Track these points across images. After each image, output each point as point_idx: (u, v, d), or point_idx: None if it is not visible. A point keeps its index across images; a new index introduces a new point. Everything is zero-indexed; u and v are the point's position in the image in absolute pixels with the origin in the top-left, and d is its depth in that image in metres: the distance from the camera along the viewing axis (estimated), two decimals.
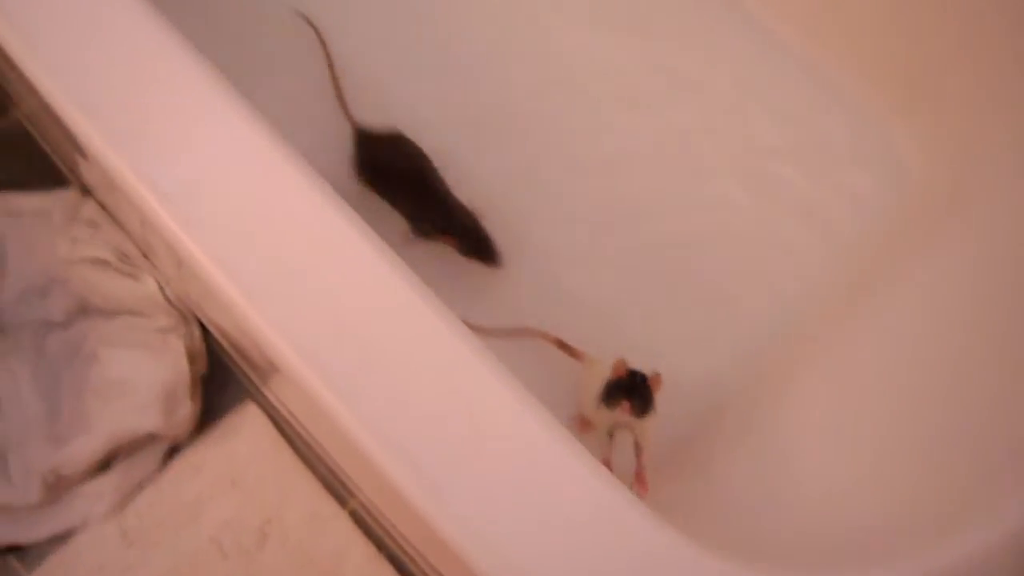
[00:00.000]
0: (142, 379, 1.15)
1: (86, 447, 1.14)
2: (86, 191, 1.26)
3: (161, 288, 1.20)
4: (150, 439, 1.17)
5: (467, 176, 1.26)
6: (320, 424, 1.00)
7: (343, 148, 1.24)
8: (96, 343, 1.18)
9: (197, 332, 1.21)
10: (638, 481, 1.03)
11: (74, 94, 0.86)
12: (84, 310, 1.21)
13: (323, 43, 1.31)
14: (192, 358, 1.18)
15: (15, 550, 1.15)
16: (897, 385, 1.09)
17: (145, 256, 1.21)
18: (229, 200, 0.84)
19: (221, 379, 1.22)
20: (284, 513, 1.16)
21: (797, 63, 1.40)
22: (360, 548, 1.15)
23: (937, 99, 1.30)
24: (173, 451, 1.19)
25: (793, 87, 1.39)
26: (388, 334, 0.80)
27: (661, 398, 1.05)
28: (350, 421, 0.77)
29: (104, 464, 1.17)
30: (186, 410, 1.16)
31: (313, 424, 1.08)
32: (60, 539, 1.15)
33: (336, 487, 1.17)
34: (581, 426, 1.13)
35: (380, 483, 0.81)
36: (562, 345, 1.16)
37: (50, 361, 1.20)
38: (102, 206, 1.24)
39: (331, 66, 1.30)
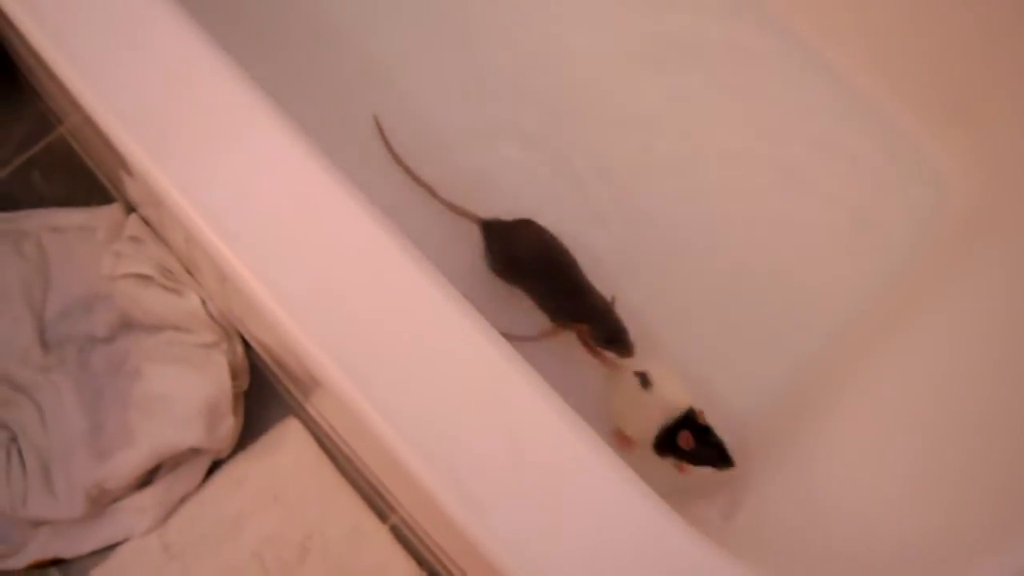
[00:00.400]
0: (185, 394, 1.15)
1: (129, 461, 1.15)
2: (130, 207, 1.27)
3: (204, 304, 1.21)
4: (192, 453, 1.18)
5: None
6: (361, 439, 1.00)
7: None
8: (139, 358, 1.19)
9: (240, 347, 1.22)
10: None
11: (119, 110, 0.86)
12: (128, 325, 1.22)
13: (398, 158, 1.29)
14: (234, 373, 1.19)
15: (58, 563, 1.16)
16: (935, 407, 1.07)
17: (189, 272, 1.22)
18: (272, 216, 0.84)
19: (263, 394, 1.23)
20: (325, 528, 1.16)
21: (834, 80, 1.39)
22: (401, 564, 1.15)
23: (976, 117, 1.29)
24: (215, 465, 1.20)
25: (829, 105, 1.38)
26: (430, 349, 0.80)
27: None
28: (392, 436, 0.77)
29: (147, 478, 1.18)
30: (228, 425, 1.17)
31: (354, 439, 1.08)
32: (103, 553, 1.16)
33: (377, 502, 1.17)
34: (620, 443, 1.12)
35: (421, 498, 0.81)
36: (589, 347, 1.17)
37: (94, 376, 1.21)
38: (146, 222, 1.25)
39: (417, 177, 1.28)
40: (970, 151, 1.30)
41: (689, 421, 1.06)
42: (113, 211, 1.27)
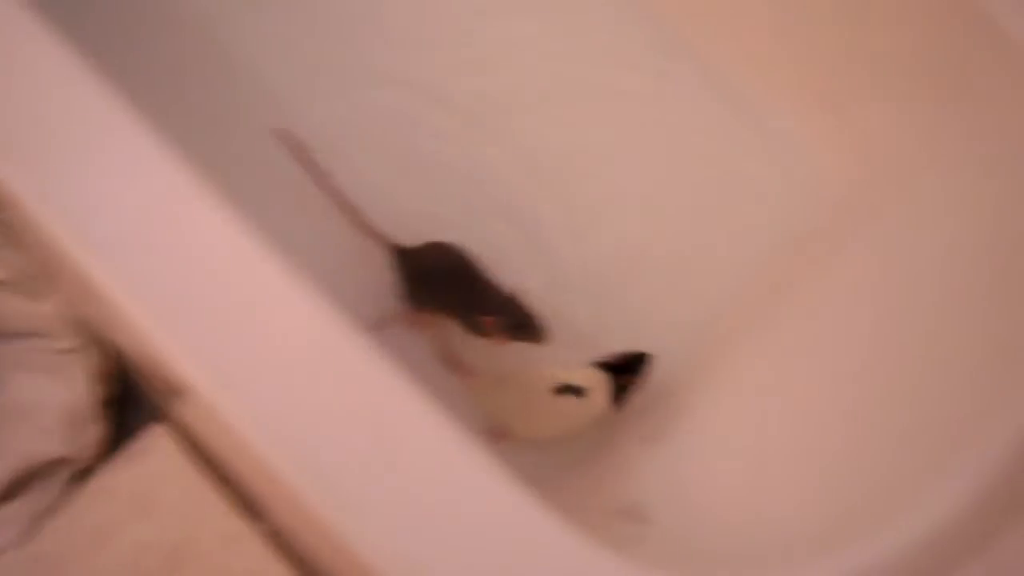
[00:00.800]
0: (46, 402, 1.12)
1: None
2: None
3: (65, 309, 1.17)
4: (58, 463, 1.15)
5: None
6: (230, 443, 0.99)
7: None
8: None
9: (103, 353, 1.19)
10: None
11: None
12: None
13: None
14: (98, 380, 1.16)
15: None
16: (817, 382, 1.11)
17: (48, 276, 1.19)
18: (131, 217, 0.83)
19: (129, 401, 1.20)
20: (198, 535, 1.14)
21: (699, 67, 1.42)
22: (275, 569, 1.13)
23: (844, 102, 1.32)
24: (83, 475, 1.17)
25: (699, 94, 1.41)
26: (294, 350, 0.80)
27: None
28: (257, 440, 0.77)
29: (12, 491, 1.14)
30: (93, 433, 1.14)
31: (223, 444, 1.06)
32: None
33: (249, 507, 1.16)
34: (497, 436, 1.13)
35: (292, 502, 0.81)
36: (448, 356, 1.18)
37: None
38: (5, 225, 1.21)
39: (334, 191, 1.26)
40: (841, 135, 1.33)
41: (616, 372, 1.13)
42: None
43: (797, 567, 0.85)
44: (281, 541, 1.15)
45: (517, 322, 1.13)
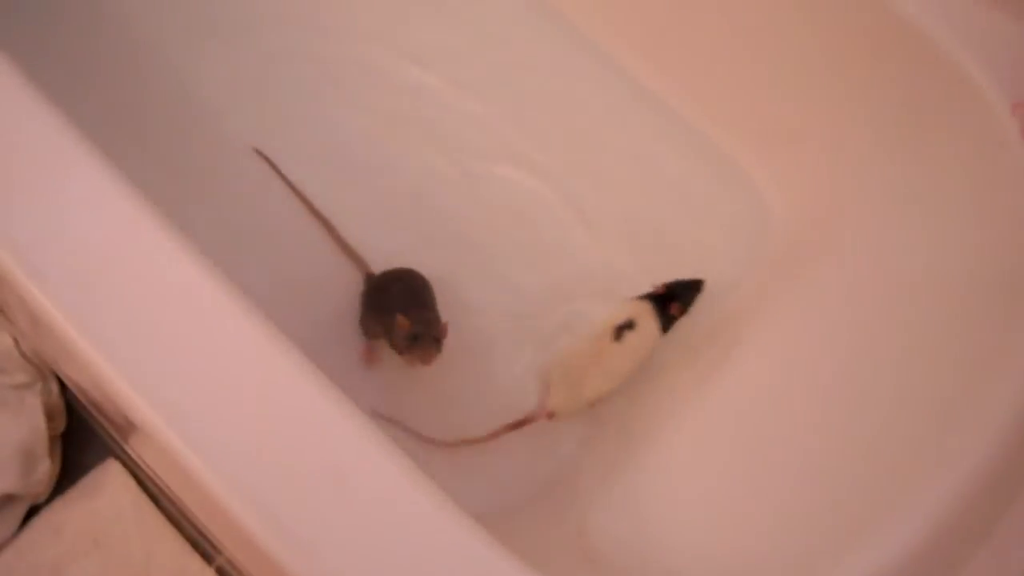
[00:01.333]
0: None
1: None
2: None
3: (16, 343, 1.16)
4: (7, 500, 1.13)
5: None
6: (181, 480, 0.98)
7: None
8: None
9: (55, 388, 1.18)
10: None
11: None
12: None
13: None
14: (50, 415, 1.15)
15: None
16: (760, 427, 1.11)
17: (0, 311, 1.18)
18: (84, 255, 0.82)
19: (81, 436, 1.19)
20: (150, 572, 1.13)
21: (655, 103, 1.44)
22: None
23: (790, 140, 1.34)
24: (32, 511, 1.15)
25: (651, 127, 1.43)
26: (246, 386, 0.79)
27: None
28: (208, 477, 0.76)
29: None
30: (44, 469, 1.13)
31: (175, 480, 1.05)
32: None
33: (202, 544, 1.15)
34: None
35: (244, 539, 0.80)
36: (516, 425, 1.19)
37: None
38: None
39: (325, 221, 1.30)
40: (788, 171, 1.35)
41: (663, 298, 1.21)
42: None
43: None
44: None
45: (417, 332, 1.14)
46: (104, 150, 0.87)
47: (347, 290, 1.24)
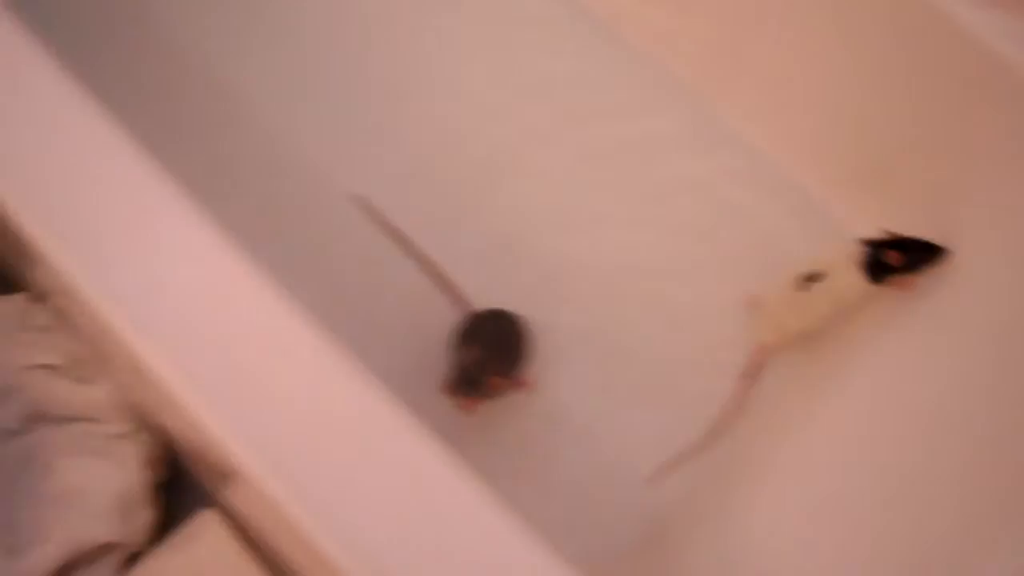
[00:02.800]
0: (97, 487, 1.12)
1: (42, 558, 1.10)
2: (39, 296, 1.24)
3: (116, 393, 1.18)
4: (107, 548, 1.14)
5: None
6: (283, 531, 0.98)
7: None
8: (51, 451, 1.15)
9: (154, 437, 1.19)
10: None
11: (22, 197, 0.85)
12: (39, 417, 1.18)
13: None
14: (149, 464, 1.16)
15: None
16: (857, 476, 1.08)
17: (101, 361, 1.19)
18: (185, 304, 0.83)
19: (181, 485, 1.20)
20: None
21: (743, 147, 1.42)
22: None
23: (885, 182, 1.32)
24: (132, 559, 1.16)
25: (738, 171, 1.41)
26: (354, 441, 0.79)
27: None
28: (314, 530, 0.76)
29: (62, 575, 1.13)
30: (143, 517, 1.13)
31: (276, 531, 1.05)
32: None
33: None
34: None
35: None
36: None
37: (6, 470, 1.16)
38: (56, 310, 1.22)
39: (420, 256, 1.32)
40: (881, 216, 1.32)
41: (881, 243, 1.19)
42: (19, 300, 1.24)
43: None
44: None
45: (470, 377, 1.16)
46: (201, 197, 0.88)
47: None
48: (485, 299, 1.26)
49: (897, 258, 1.17)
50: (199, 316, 0.82)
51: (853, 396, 1.18)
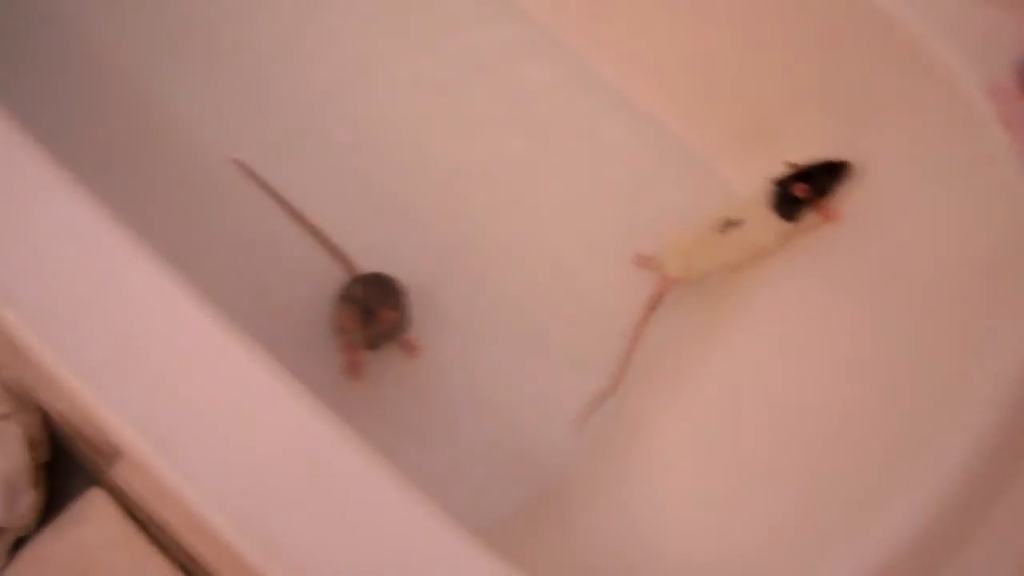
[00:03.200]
0: None
1: None
2: None
3: None
4: None
5: None
6: (170, 505, 0.97)
7: None
8: None
9: (37, 418, 1.16)
10: None
11: None
12: None
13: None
14: (32, 445, 1.13)
15: None
16: (752, 420, 1.11)
17: None
18: (58, 277, 0.81)
19: (66, 465, 1.17)
20: None
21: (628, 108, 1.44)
22: None
23: (768, 136, 1.34)
24: (19, 543, 1.13)
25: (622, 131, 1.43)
26: (233, 408, 0.78)
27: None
28: (199, 502, 0.75)
29: None
30: (29, 500, 1.11)
31: (163, 506, 1.04)
32: None
33: (193, 570, 1.13)
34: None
35: (236, 562, 0.79)
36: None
37: None
38: None
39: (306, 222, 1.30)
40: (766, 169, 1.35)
41: (787, 179, 1.19)
42: None
43: None
44: None
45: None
46: (74, 169, 0.86)
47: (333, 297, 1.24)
48: (372, 263, 1.25)
49: (804, 189, 1.18)
50: (75, 290, 0.80)
51: (746, 343, 1.21)
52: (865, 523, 0.85)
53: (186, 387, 0.78)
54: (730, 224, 1.21)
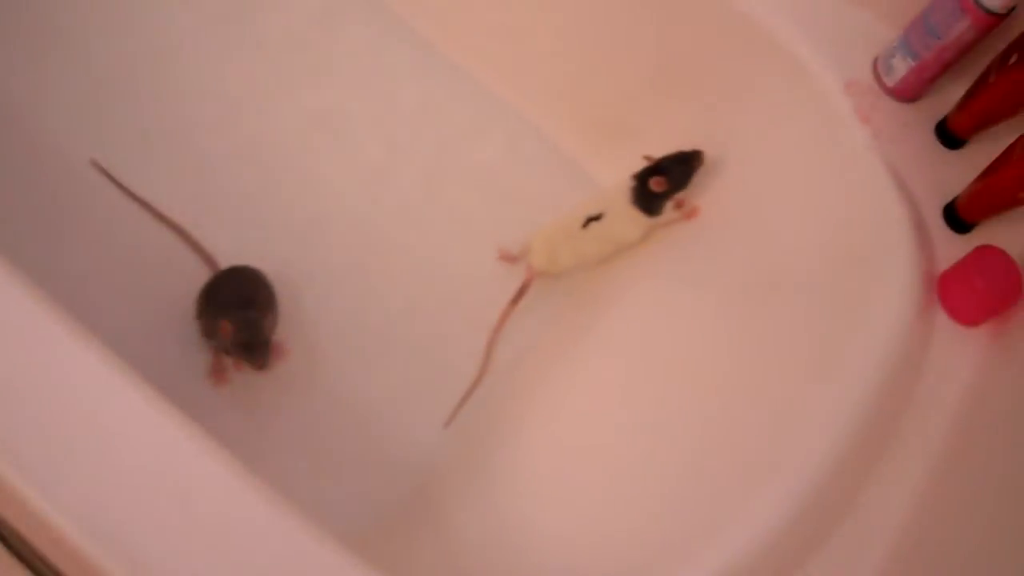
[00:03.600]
0: None
1: None
2: None
3: None
4: None
5: None
6: (31, 520, 0.94)
7: None
8: None
9: None
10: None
11: None
12: None
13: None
14: None
15: None
16: (616, 418, 1.12)
17: None
18: None
19: None
20: None
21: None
22: None
23: (629, 132, 1.35)
24: None
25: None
26: (89, 421, 0.76)
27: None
28: (55, 517, 0.72)
29: None
30: None
31: (24, 520, 1.00)
32: None
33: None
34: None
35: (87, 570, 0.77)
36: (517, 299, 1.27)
37: None
38: None
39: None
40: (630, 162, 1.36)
41: (644, 173, 1.21)
42: None
43: None
44: None
45: (246, 339, 1.12)
46: None
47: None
48: (236, 259, 1.22)
49: (660, 183, 1.19)
50: None
51: (611, 340, 1.22)
52: (729, 519, 0.87)
53: (40, 397, 0.75)
54: (592, 219, 1.22)
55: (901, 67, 1.10)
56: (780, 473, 0.88)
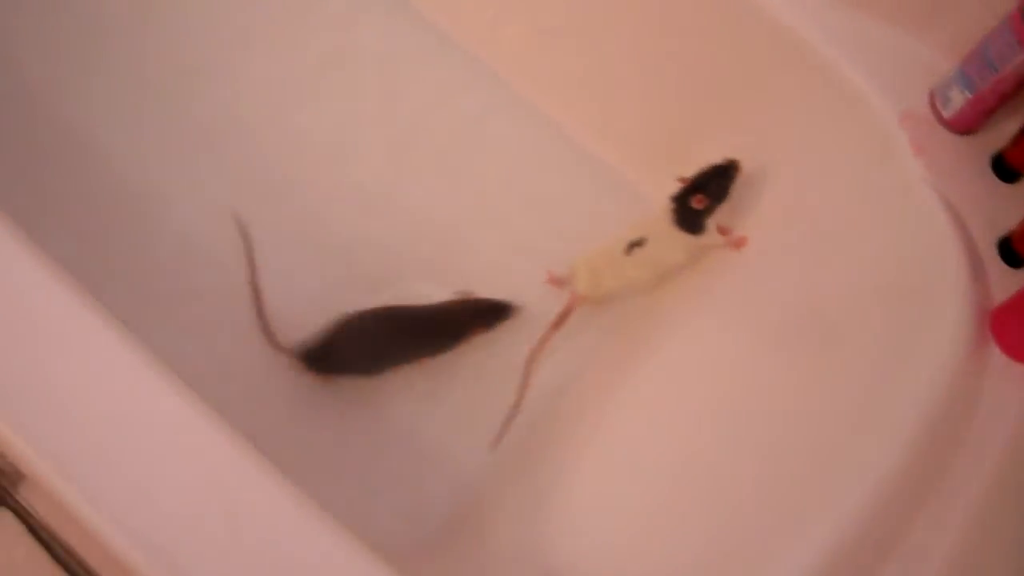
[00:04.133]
0: None
1: None
2: None
3: None
4: None
5: None
6: (77, 529, 0.95)
7: None
8: None
9: None
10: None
11: None
12: None
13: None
14: None
15: None
16: (664, 445, 1.11)
17: None
18: None
19: None
20: None
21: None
22: None
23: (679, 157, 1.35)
24: None
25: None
26: (142, 434, 0.77)
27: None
28: (104, 527, 0.73)
29: None
30: None
31: (70, 529, 1.02)
32: None
33: None
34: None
35: None
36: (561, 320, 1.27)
37: None
38: None
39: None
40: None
41: (682, 194, 1.21)
42: None
43: None
44: None
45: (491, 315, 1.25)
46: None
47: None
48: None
49: (700, 200, 1.19)
50: None
51: (658, 368, 1.21)
52: (779, 548, 0.86)
53: (96, 410, 0.76)
54: (636, 244, 1.22)
55: (958, 99, 1.10)
56: (821, 517, 0.87)
